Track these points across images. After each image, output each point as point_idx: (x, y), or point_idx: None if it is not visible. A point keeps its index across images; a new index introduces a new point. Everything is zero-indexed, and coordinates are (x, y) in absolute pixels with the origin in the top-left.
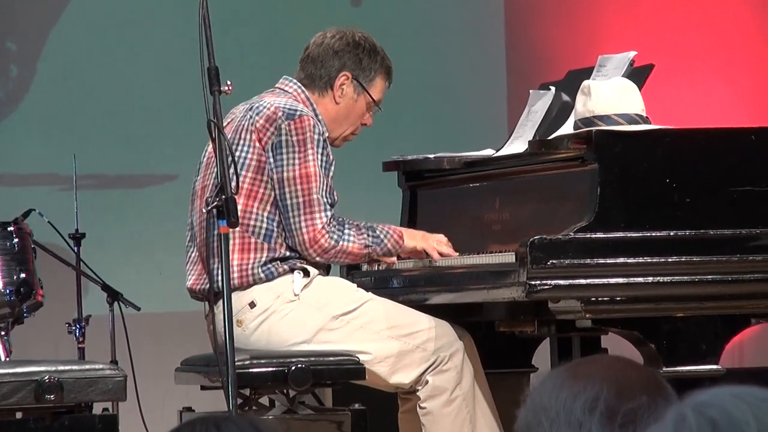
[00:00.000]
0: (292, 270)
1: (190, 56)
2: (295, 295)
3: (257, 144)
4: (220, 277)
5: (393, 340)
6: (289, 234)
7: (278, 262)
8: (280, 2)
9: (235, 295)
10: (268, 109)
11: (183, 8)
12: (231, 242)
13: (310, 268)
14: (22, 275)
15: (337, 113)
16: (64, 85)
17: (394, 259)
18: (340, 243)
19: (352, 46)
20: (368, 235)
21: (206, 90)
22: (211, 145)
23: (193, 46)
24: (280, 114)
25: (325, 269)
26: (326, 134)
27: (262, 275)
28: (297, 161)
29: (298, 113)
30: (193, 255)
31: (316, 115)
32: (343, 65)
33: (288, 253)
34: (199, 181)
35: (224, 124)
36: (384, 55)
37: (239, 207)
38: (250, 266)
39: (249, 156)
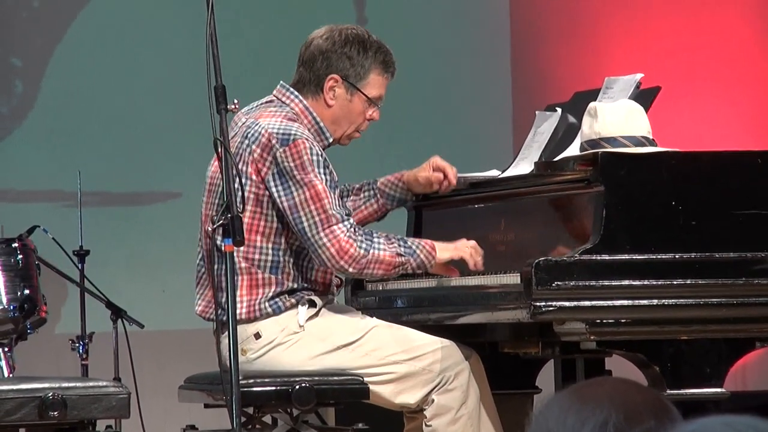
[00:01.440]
0: (298, 303)
1: (195, 73)
2: (300, 326)
3: (254, 177)
4: (225, 304)
5: (398, 365)
6: (315, 255)
7: (286, 295)
8: (284, 20)
9: (240, 327)
10: (263, 136)
11: (189, 26)
12: (239, 279)
13: (316, 299)
14: (26, 291)
15: (334, 115)
16: (69, 101)
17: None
18: (371, 251)
19: (339, 45)
20: (400, 245)
21: (213, 108)
22: (212, 167)
23: (198, 63)
24: (274, 141)
25: (334, 296)
26: (324, 154)
27: (269, 309)
28: (303, 185)
29: (291, 137)
30: (202, 280)
31: (317, 123)
32: (330, 67)
33: (295, 285)
34: (203, 206)
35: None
36: (378, 49)
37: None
38: (257, 301)
39: (247, 190)
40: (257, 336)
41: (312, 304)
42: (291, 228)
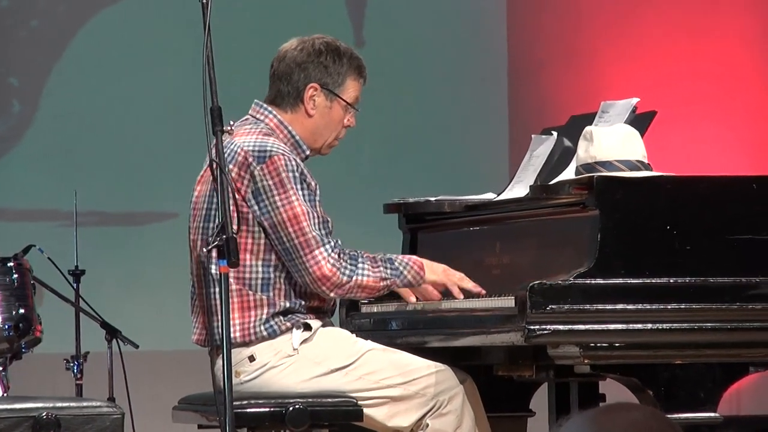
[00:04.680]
0: (293, 326)
1: (192, 95)
2: (294, 349)
3: (235, 195)
4: (219, 329)
5: (392, 389)
6: (298, 275)
7: (280, 317)
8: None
9: (235, 349)
10: (239, 154)
11: (186, 47)
12: (230, 301)
13: (312, 322)
14: (21, 311)
15: (315, 125)
16: (66, 121)
17: (413, 298)
18: (354, 278)
19: (314, 55)
20: (385, 267)
21: (209, 129)
22: (196, 192)
23: (195, 84)
24: (250, 159)
25: (331, 313)
26: (302, 166)
27: (264, 333)
28: (281, 204)
29: (267, 154)
30: (195, 308)
31: (293, 137)
32: (308, 77)
33: (288, 305)
34: (191, 232)
35: (204, 167)
36: (351, 55)
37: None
38: (251, 324)
39: (232, 209)
40: (251, 359)
41: (307, 327)
42: (274, 246)
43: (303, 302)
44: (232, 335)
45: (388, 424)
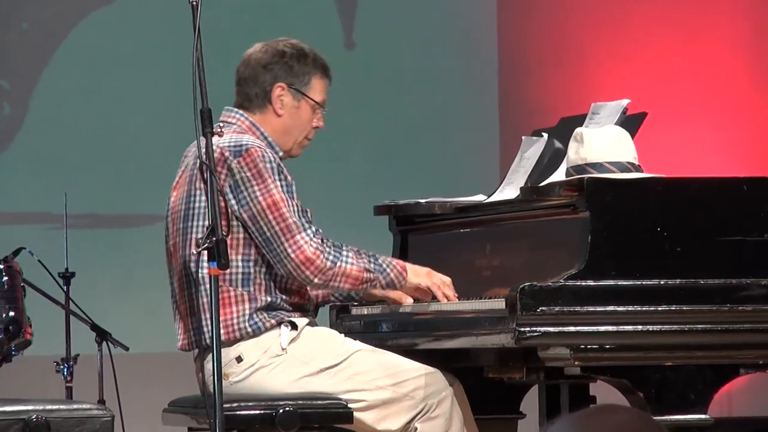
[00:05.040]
0: (279, 324)
1: (181, 97)
2: (283, 349)
3: (225, 198)
4: (205, 329)
5: (381, 390)
6: (280, 266)
7: (264, 314)
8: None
9: (222, 350)
10: (215, 152)
11: (175, 49)
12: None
13: (297, 321)
14: (11, 313)
15: (284, 125)
16: (56, 123)
17: (409, 300)
18: (338, 264)
19: (279, 56)
20: (369, 261)
21: (198, 131)
22: (172, 198)
23: (184, 87)
24: (227, 154)
25: (314, 312)
26: (278, 159)
27: (249, 330)
28: (260, 194)
29: (244, 147)
30: (177, 314)
31: (265, 138)
32: (275, 77)
33: (270, 299)
34: (169, 238)
35: (179, 174)
36: (315, 56)
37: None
38: (235, 321)
39: (207, 205)
40: (239, 359)
41: (293, 326)
42: (254, 238)
43: (284, 297)
44: (208, 327)
45: (377, 428)
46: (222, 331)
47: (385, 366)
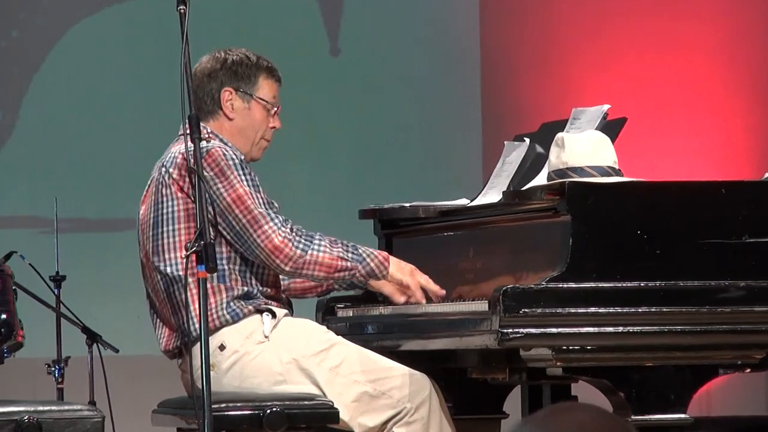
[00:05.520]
0: (258, 311)
1: (168, 104)
2: (265, 336)
3: (179, 194)
4: (192, 327)
5: (360, 384)
6: (252, 256)
7: (241, 301)
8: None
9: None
10: (177, 158)
11: (162, 56)
12: (190, 296)
13: (276, 309)
14: (3, 316)
15: (237, 127)
16: (46, 129)
17: (403, 299)
18: (309, 251)
19: (221, 63)
20: (346, 250)
21: (186, 136)
22: (141, 211)
23: (170, 94)
24: (189, 158)
25: (289, 307)
26: (240, 156)
27: (227, 316)
28: (224, 190)
29: (205, 150)
30: (157, 321)
31: (225, 143)
32: (221, 83)
33: (246, 289)
34: (140, 250)
35: (145, 190)
36: (258, 58)
37: (181, 262)
38: (213, 310)
39: (176, 209)
40: (222, 347)
41: (273, 314)
42: (225, 235)
43: (261, 288)
44: (195, 325)
45: (352, 422)
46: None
47: (366, 361)
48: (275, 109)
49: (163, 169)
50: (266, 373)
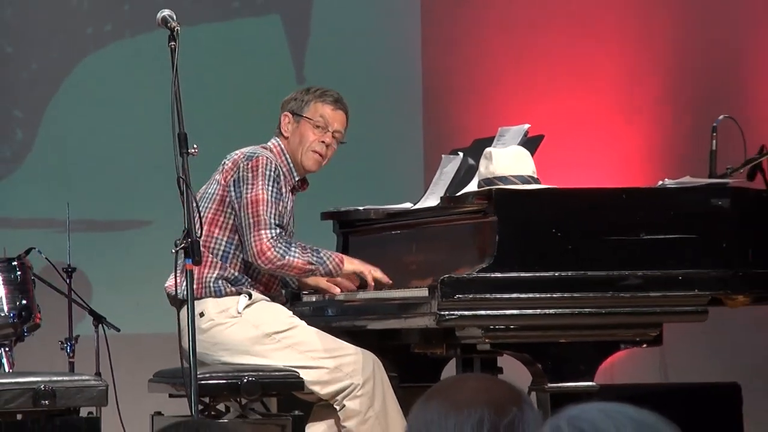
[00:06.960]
0: (239, 293)
1: (164, 124)
2: (238, 312)
3: (222, 182)
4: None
5: (314, 360)
6: (243, 251)
7: (227, 282)
8: (235, 79)
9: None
10: (236, 155)
11: (160, 84)
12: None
13: (255, 294)
14: (24, 302)
15: (290, 142)
16: (61, 145)
17: (337, 290)
18: (286, 257)
19: (292, 94)
20: (312, 255)
21: (177, 152)
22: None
23: (167, 115)
24: (242, 157)
25: (268, 295)
26: (279, 171)
27: (212, 290)
28: (249, 190)
29: (255, 155)
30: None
31: (288, 162)
32: (284, 110)
33: (237, 275)
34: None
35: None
36: (318, 88)
37: (204, 232)
38: (204, 279)
39: (215, 192)
40: (201, 315)
41: (249, 296)
42: (238, 227)
43: (251, 281)
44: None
45: (308, 389)
46: (195, 285)
47: (320, 341)
48: (321, 123)
49: (226, 160)
50: (234, 343)
